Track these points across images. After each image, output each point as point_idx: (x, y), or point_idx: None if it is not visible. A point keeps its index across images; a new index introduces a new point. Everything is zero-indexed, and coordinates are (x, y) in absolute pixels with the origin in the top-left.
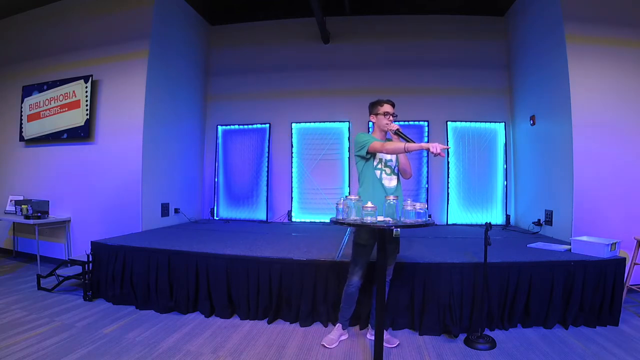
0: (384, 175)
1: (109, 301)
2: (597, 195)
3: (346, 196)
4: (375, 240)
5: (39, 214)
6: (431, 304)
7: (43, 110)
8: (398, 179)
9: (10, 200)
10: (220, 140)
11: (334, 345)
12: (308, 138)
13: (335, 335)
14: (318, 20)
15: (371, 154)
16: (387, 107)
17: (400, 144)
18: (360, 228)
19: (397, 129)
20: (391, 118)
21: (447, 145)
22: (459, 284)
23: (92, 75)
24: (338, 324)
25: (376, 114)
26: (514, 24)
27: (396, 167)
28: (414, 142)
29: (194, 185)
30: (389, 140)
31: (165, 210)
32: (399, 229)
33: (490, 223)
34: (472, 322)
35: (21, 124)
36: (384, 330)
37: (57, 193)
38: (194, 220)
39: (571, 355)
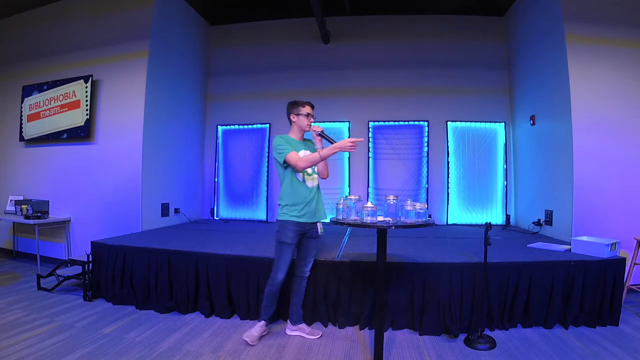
0: (305, 176)
1: (109, 301)
2: (597, 195)
3: (346, 196)
4: (298, 239)
5: (39, 214)
6: (431, 304)
7: (43, 110)
8: (317, 177)
9: (10, 200)
10: (220, 140)
11: (255, 342)
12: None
13: (257, 331)
14: (318, 20)
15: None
16: (308, 109)
17: (314, 156)
18: (287, 226)
19: (322, 131)
20: (312, 119)
21: (361, 138)
22: (459, 284)
23: (92, 75)
24: (261, 321)
25: (297, 114)
26: (514, 24)
27: (315, 167)
28: (334, 142)
29: (194, 185)
30: (307, 140)
31: (165, 210)
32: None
33: (490, 223)
34: (472, 322)
35: (21, 124)
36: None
37: (57, 193)
38: (194, 220)
39: (571, 355)
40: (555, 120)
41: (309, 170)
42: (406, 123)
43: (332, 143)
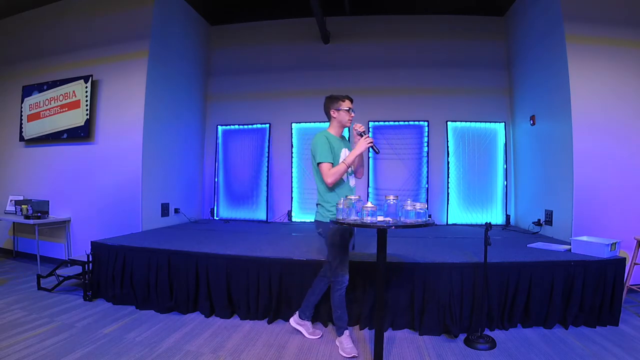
0: (348, 176)
1: (109, 301)
2: (597, 195)
3: (346, 196)
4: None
5: (39, 214)
6: (431, 304)
7: (43, 110)
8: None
9: (10, 200)
10: (220, 140)
11: (356, 352)
12: (308, 138)
13: (350, 342)
14: (318, 20)
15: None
16: (348, 103)
17: (341, 168)
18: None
19: (364, 131)
20: (352, 114)
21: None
22: (459, 284)
23: (92, 75)
24: (345, 331)
25: (337, 109)
26: (514, 24)
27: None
28: (376, 148)
29: (194, 185)
30: (343, 137)
31: (165, 210)
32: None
33: (490, 223)
34: (472, 322)
35: (21, 124)
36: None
37: (57, 193)
38: (194, 220)
39: (571, 355)
40: (555, 120)
41: (349, 170)
42: (406, 123)
43: (374, 148)
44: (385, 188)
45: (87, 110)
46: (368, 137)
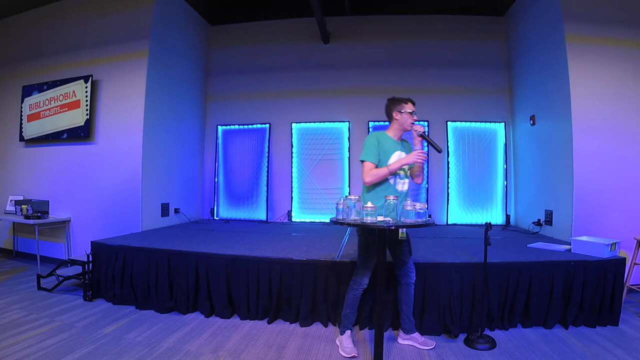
0: (397, 180)
1: (109, 301)
2: (597, 195)
3: (346, 196)
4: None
5: (39, 214)
6: (431, 304)
7: (43, 110)
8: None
9: (10, 200)
10: (220, 140)
11: (355, 353)
12: (308, 138)
13: (350, 342)
14: (318, 20)
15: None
16: (411, 106)
17: (382, 172)
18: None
19: (423, 132)
20: (415, 117)
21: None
22: (459, 284)
23: (92, 75)
24: (347, 331)
25: (400, 112)
26: (514, 24)
27: (409, 170)
28: (437, 146)
29: (194, 185)
30: (404, 141)
31: (165, 210)
32: (404, 230)
33: (490, 223)
34: (472, 322)
35: (21, 124)
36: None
37: (57, 193)
38: (194, 220)
39: (571, 355)
40: (555, 120)
41: (402, 173)
42: None
43: (434, 147)
44: None
45: (87, 110)
46: (422, 152)
